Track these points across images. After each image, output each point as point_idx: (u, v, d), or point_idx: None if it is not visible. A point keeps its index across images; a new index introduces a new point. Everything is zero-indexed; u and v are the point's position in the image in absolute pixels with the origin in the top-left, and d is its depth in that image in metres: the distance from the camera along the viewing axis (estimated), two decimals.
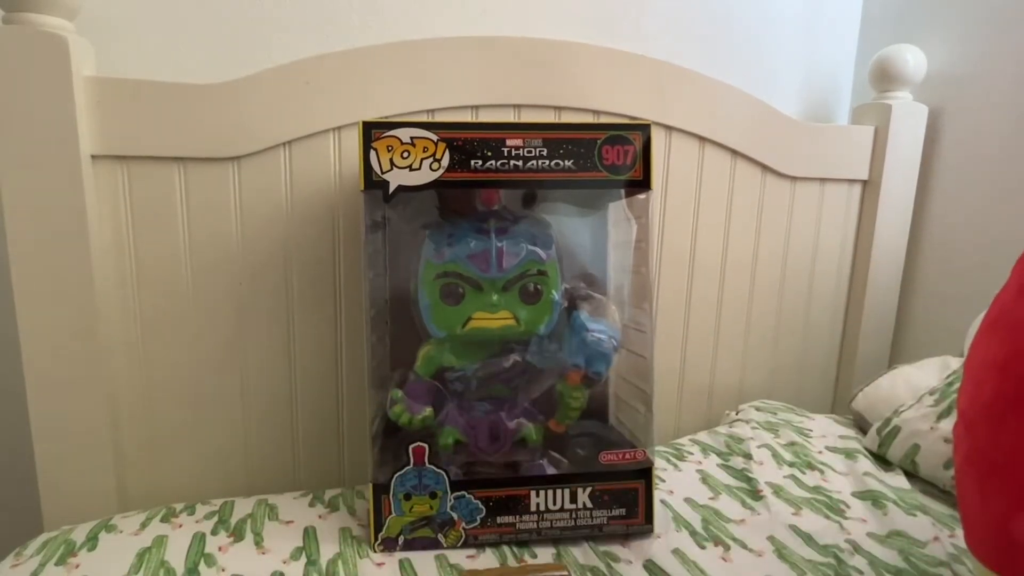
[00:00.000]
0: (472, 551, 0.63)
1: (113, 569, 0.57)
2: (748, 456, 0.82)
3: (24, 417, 0.69)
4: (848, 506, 0.71)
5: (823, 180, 1.01)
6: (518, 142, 0.62)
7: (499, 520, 0.64)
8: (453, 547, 0.63)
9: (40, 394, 0.69)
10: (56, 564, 0.57)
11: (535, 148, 0.63)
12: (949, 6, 1.00)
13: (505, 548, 0.64)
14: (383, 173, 0.61)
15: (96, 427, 0.72)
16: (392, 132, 0.61)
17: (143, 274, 0.74)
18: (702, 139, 0.92)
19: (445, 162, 0.61)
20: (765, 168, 0.97)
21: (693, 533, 0.66)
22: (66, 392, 0.70)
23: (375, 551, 0.62)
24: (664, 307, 0.96)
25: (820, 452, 0.84)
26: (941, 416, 0.76)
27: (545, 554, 0.63)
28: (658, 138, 0.89)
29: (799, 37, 1.09)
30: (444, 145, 0.61)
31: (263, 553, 0.61)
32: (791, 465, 0.80)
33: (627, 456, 0.65)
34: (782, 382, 1.06)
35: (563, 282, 0.67)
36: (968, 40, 0.97)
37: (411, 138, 0.61)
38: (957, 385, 0.77)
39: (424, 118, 0.80)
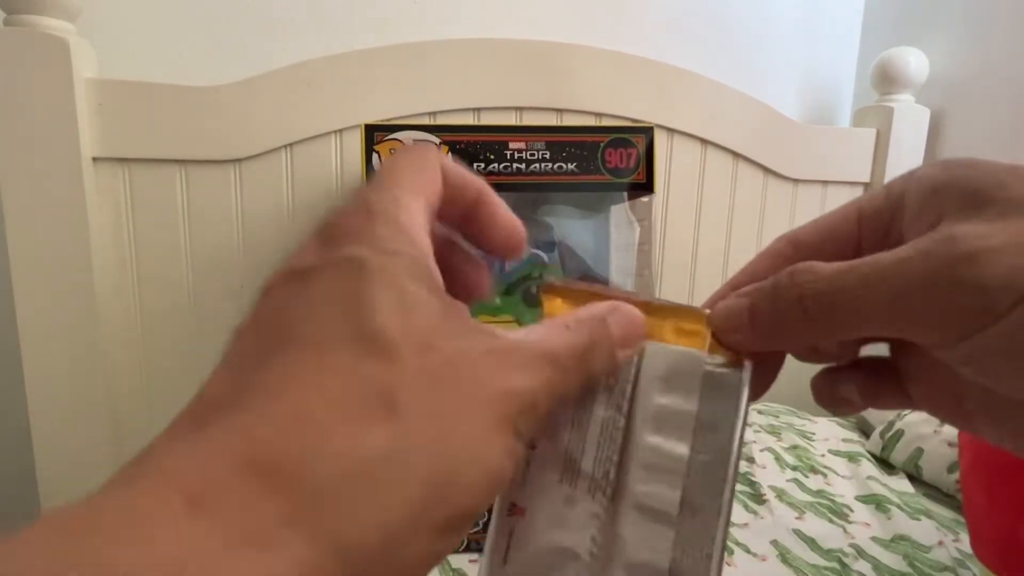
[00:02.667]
0: (475, 555, 0.63)
1: None
2: (750, 459, 0.81)
3: (24, 418, 0.69)
4: (852, 510, 0.71)
5: (825, 183, 1.01)
6: (521, 145, 0.62)
7: None
8: (455, 551, 0.63)
9: (40, 396, 0.69)
10: None
11: (538, 151, 0.62)
12: (951, 8, 1.00)
13: None
14: None
15: (96, 428, 0.71)
16: (394, 135, 0.61)
17: (144, 276, 0.74)
18: (704, 141, 0.92)
19: None
20: (767, 171, 0.97)
21: None
22: (66, 394, 0.70)
23: None
24: None
25: (823, 455, 0.84)
26: None
27: None
28: (660, 140, 0.89)
29: (800, 39, 1.09)
30: (447, 148, 0.61)
31: None
32: (794, 469, 0.80)
33: None
34: (783, 384, 1.05)
35: None
36: (970, 43, 0.97)
37: (413, 141, 0.61)
38: None
39: (426, 121, 0.79)
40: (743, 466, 0.80)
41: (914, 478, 0.78)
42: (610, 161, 0.64)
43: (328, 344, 0.15)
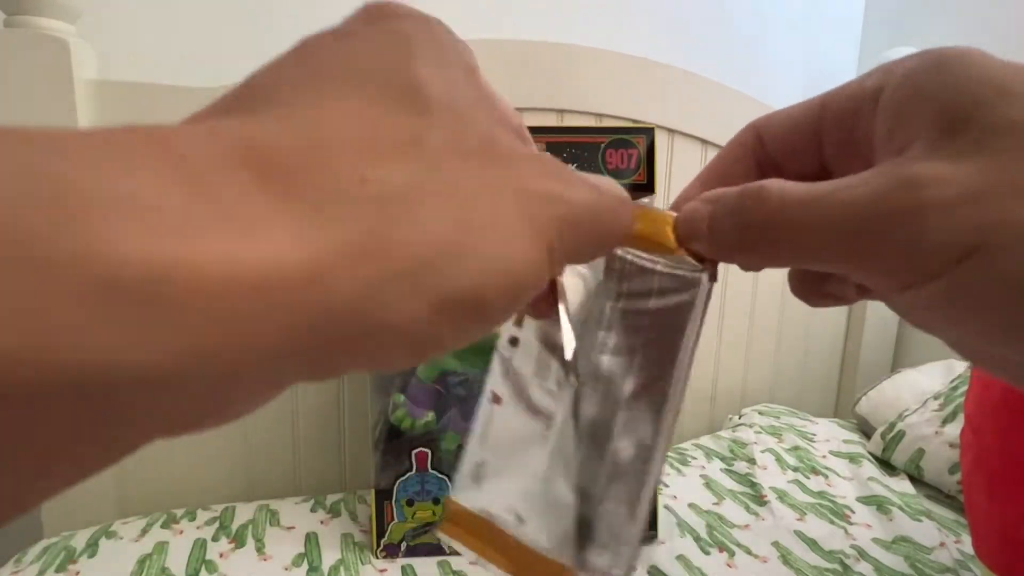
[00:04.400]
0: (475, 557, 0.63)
1: None
2: (752, 461, 0.81)
3: None
4: (853, 511, 0.71)
5: None
6: None
7: None
8: (456, 553, 0.63)
9: None
10: (56, 571, 0.57)
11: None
12: (950, 8, 0.99)
13: None
14: None
15: None
16: None
17: None
18: (704, 142, 0.92)
19: None
20: None
21: (697, 539, 0.65)
22: None
23: (377, 557, 0.62)
24: None
25: (824, 456, 0.83)
26: (946, 420, 0.76)
27: None
28: (660, 141, 0.89)
29: (801, 39, 1.08)
30: None
31: (265, 560, 0.60)
32: (795, 470, 0.80)
33: None
34: (785, 386, 1.06)
35: None
36: (969, 42, 0.97)
37: None
38: (962, 389, 0.77)
39: None
40: (744, 467, 0.80)
41: (915, 479, 0.78)
42: (611, 162, 0.64)
43: (360, 82, 0.13)
